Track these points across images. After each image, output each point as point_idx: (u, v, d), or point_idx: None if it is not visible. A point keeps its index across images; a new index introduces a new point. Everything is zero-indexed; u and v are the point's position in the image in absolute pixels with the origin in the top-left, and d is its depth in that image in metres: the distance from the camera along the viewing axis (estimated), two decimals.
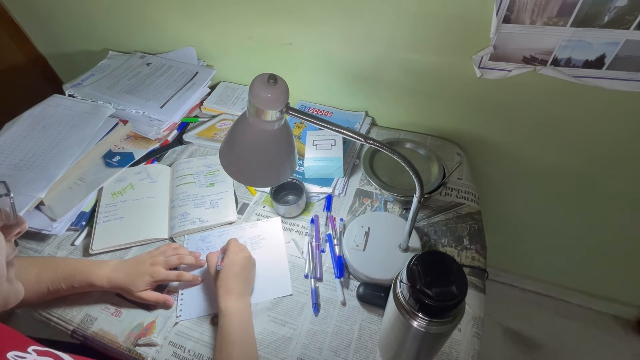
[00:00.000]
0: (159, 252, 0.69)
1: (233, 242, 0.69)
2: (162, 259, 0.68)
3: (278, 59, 0.99)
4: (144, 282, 0.65)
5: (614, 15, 0.64)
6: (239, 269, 0.65)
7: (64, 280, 0.63)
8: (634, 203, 0.96)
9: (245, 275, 0.66)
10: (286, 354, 0.61)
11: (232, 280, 0.64)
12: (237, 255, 0.66)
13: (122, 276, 0.65)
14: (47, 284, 0.63)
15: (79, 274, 0.64)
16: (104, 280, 0.64)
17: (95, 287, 0.64)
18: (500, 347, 1.32)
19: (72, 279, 0.63)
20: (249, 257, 0.68)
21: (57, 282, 0.63)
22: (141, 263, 0.67)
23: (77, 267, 0.65)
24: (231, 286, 0.63)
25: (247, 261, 0.67)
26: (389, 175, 0.83)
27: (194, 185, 0.84)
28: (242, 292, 0.65)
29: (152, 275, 0.65)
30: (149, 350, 0.62)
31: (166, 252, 0.70)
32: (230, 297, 0.62)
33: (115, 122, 0.92)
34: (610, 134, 0.83)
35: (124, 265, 0.67)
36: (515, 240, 1.25)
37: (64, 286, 0.63)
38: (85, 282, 0.64)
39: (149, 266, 0.66)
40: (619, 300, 1.33)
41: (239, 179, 0.59)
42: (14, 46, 1.22)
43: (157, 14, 1.02)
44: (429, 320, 0.44)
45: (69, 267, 0.65)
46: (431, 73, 0.86)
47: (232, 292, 0.63)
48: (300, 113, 0.49)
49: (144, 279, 0.65)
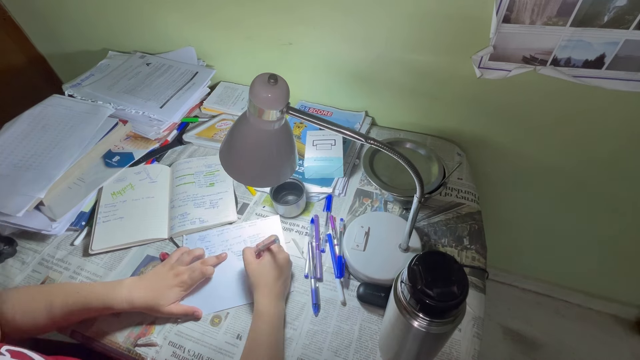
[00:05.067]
0: (177, 262, 0.67)
1: (275, 245, 0.66)
2: (183, 268, 0.65)
3: (278, 59, 0.99)
4: (174, 295, 0.62)
5: (613, 15, 0.64)
6: (280, 270, 0.64)
7: (78, 310, 0.59)
8: (634, 203, 0.96)
9: (285, 277, 0.65)
10: (286, 354, 0.61)
11: (272, 282, 0.62)
12: (279, 255, 0.65)
13: (144, 295, 0.61)
14: (60, 316, 0.58)
15: (94, 300, 0.59)
16: (123, 303, 0.60)
17: (114, 310, 0.61)
18: (500, 347, 1.32)
19: (88, 306, 0.59)
20: (289, 258, 0.67)
21: (70, 313, 0.59)
22: (163, 277, 0.64)
23: (89, 293, 0.60)
24: (270, 287, 0.62)
25: (288, 263, 0.66)
26: (389, 175, 0.82)
27: (193, 185, 0.84)
28: (281, 294, 0.63)
29: (181, 286, 0.63)
30: (148, 350, 0.62)
31: (182, 259, 0.67)
32: (269, 300, 0.61)
33: (114, 122, 0.91)
34: (610, 134, 0.83)
35: (144, 283, 0.63)
36: (515, 240, 1.25)
37: (77, 315, 0.60)
38: (103, 308, 0.60)
39: (173, 278, 0.63)
40: (619, 300, 1.33)
41: (239, 179, 0.59)
42: (13, 46, 1.22)
43: (156, 14, 1.02)
44: (430, 321, 0.44)
45: (81, 295, 0.60)
46: (431, 73, 0.86)
47: (271, 294, 0.61)
48: (300, 113, 0.49)
49: (173, 292, 0.62)
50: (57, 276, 0.72)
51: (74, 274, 0.72)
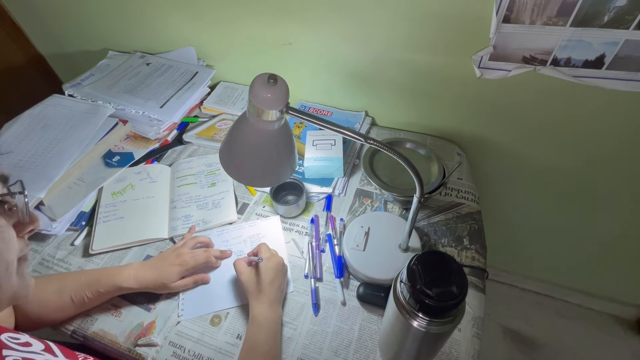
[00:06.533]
0: (181, 244, 0.70)
1: (264, 247, 0.67)
2: (186, 250, 0.68)
3: (278, 59, 0.99)
4: (175, 272, 0.65)
5: (613, 15, 0.64)
6: (273, 275, 0.63)
7: (88, 288, 0.61)
8: (634, 203, 0.96)
9: (280, 281, 0.64)
10: (286, 354, 0.61)
11: (267, 287, 0.62)
12: (271, 260, 0.64)
13: (150, 273, 0.64)
14: (70, 295, 0.61)
15: (103, 278, 0.63)
16: (131, 280, 0.63)
17: (123, 290, 0.63)
18: (500, 347, 1.32)
19: (97, 285, 0.62)
20: (283, 262, 0.67)
21: (81, 291, 0.61)
22: (165, 257, 0.67)
23: (100, 273, 0.64)
24: (265, 293, 0.61)
25: (282, 267, 0.66)
26: (389, 175, 0.82)
27: (195, 186, 0.84)
28: (276, 299, 0.63)
29: (181, 265, 0.65)
30: (149, 350, 0.62)
31: (188, 243, 0.70)
32: (263, 306, 0.61)
33: (114, 122, 0.91)
34: (610, 134, 0.83)
35: (148, 264, 0.67)
36: (515, 240, 1.25)
37: (89, 294, 0.61)
38: (112, 285, 0.62)
39: (175, 257, 0.66)
40: (619, 300, 1.33)
41: (239, 179, 0.59)
42: (13, 46, 1.22)
43: (156, 14, 1.02)
44: (429, 320, 0.44)
45: (91, 275, 0.64)
46: (431, 73, 0.86)
47: (265, 299, 0.61)
48: (300, 113, 0.49)
49: (173, 269, 0.65)
50: None
51: None
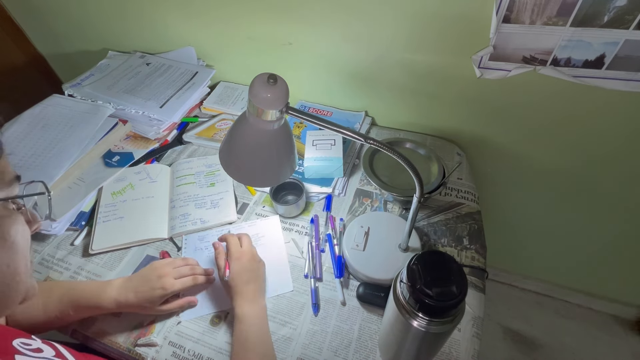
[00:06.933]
0: (165, 263, 0.65)
1: (233, 248, 0.65)
2: (169, 270, 0.64)
3: (278, 58, 0.99)
4: (157, 296, 0.61)
5: (613, 15, 0.64)
6: (246, 275, 0.63)
7: (71, 306, 0.61)
8: (633, 203, 0.96)
9: (254, 278, 0.65)
10: (286, 354, 0.61)
11: (243, 288, 0.62)
12: (240, 261, 0.64)
13: (131, 297, 0.61)
14: (54, 313, 0.60)
15: (83, 298, 0.61)
16: (112, 303, 0.61)
17: (103, 310, 0.62)
18: (500, 347, 1.32)
19: (78, 304, 0.61)
20: (253, 257, 0.66)
21: (65, 309, 0.60)
22: (147, 279, 0.63)
23: (82, 292, 0.62)
24: (243, 294, 0.62)
25: (253, 263, 0.65)
26: (389, 175, 0.82)
27: (194, 185, 0.84)
28: (255, 296, 0.63)
29: (164, 288, 0.61)
30: (148, 350, 0.62)
31: (175, 262, 0.66)
32: (244, 303, 0.61)
33: (114, 122, 0.91)
34: (610, 134, 0.83)
35: (130, 284, 0.63)
36: (515, 240, 1.25)
37: (72, 312, 0.61)
38: (92, 305, 0.61)
39: (157, 279, 0.62)
40: (619, 300, 1.33)
41: (239, 179, 0.59)
42: (13, 46, 1.22)
43: (156, 14, 1.02)
44: (429, 320, 0.44)
45: (74, 292, 0.62)
46: (431, 73, 0.86)
47: (245, 298, 0.62)
48: (300, 113, 0.49)
49: (155, 293, 0.61)
50: (57, 276, 0.72)
51: (74, 274, 0.72)
